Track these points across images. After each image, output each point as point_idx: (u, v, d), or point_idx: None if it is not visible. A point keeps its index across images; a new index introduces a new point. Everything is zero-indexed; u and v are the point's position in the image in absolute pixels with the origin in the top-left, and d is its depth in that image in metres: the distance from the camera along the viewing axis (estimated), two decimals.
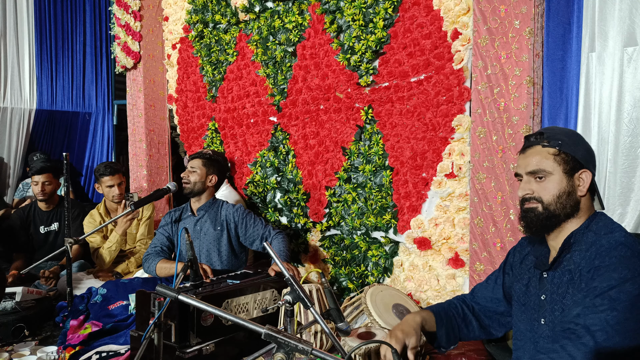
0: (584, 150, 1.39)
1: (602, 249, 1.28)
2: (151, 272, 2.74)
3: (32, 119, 5.13)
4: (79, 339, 2.36)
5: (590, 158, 1.40)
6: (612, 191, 2.02)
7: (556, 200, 1.38)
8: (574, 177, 1.38)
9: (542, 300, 1.39)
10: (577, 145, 1.39)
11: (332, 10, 2.93)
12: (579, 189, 1.37)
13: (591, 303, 1.21)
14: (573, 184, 1.38)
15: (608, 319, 1.17)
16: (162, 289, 1.34)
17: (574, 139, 1.40)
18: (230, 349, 2.12)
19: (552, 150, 1.38)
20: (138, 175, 4.37)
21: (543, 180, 1.39)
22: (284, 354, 1.13)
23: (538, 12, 2.13)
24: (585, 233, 1.35)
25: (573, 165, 1.37)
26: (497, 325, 1.62)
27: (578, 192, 1.38)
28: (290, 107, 3.25)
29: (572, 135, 1.42)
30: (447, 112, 2.44)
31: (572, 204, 1.38)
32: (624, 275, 1.20)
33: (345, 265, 2.98)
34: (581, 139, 1.43)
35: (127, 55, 4.32)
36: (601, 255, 1.27)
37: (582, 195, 1.38)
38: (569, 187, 1.37)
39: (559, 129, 1.46)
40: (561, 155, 1.37)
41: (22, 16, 5.08)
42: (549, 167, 1.38)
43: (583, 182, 1.37)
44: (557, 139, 1.39)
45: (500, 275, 1.62)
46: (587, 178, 1.37)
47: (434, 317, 1.57)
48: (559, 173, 1.37)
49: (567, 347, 1.19)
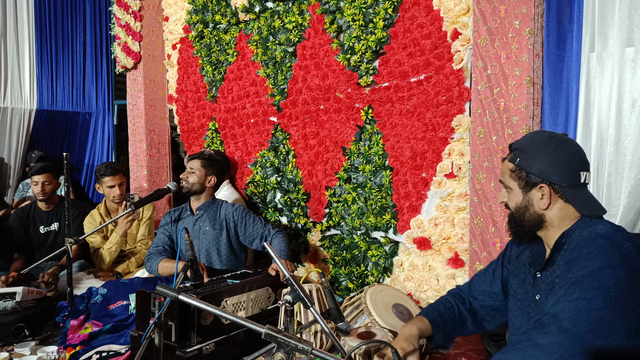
0: (545, 163, 1.34)
1: (581, 240, 1.28)
2: (153, 271, 2.75)
3: (32, 119, 5.13)
4: (79, 338, 2.36)
5: (554, 170, 1.33)
6: (612, 191, 2.02)
7: (515, 212, 1.42)
8: (531, 192, 1.37)
9: (537, 301, 1.40)
10: (537, 159, 1.35)
11: (332, 11, 2.93)
12: (541, 202, 1.36)
13: (564, 292, 1.20)
14: (530, 199, 1.37)
15: (578, 306, 1.15)
16: (162, 289, 1.34)
17: (536, 152, 1.36)
18: (231, 348, 2.12)
19: (510, 165, 1.41)
20: (138, 175, 4.37)
21: (508, 192, 1.44)
22: (284, 354, 1.13)
23: (538, 12, 2.13)
24: (574, 231, 1.34)
25: (528, 180, 1.37)
26: (491, 319, 1.64)
27: (540, 205, 1.36)
28: (290, 107, 3.25)
29: (536, 148, 1.37)
30: (447, 112, 2.44)
31: (532, 218, 1.38)
32: (600, 265, 1.18)
33: (345, 265, 2.98)
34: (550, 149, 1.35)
35: (127, 55, 4.32)
36: (580, 246, 1.26)
37: (544, 208, 1.36)
38: (524, 202, 1.39)
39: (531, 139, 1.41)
40: (516, 171, 1.39)
41: (22, 16, 5.09)
42: (508, 181, 1.42)
43: (544, 196, 1.35)
44: (518, 153, 1.39)
45: (498, 268, 1.62)
46: (546, 191, 1.34)
47: (430, 325, 1.58)
48: (515, 188, 1.40)
49: (533, 336, 1.18)
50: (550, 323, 1.17)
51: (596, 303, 1.14)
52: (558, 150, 1.35)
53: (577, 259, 1.24)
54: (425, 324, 1.58)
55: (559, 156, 1.35)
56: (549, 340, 1.15)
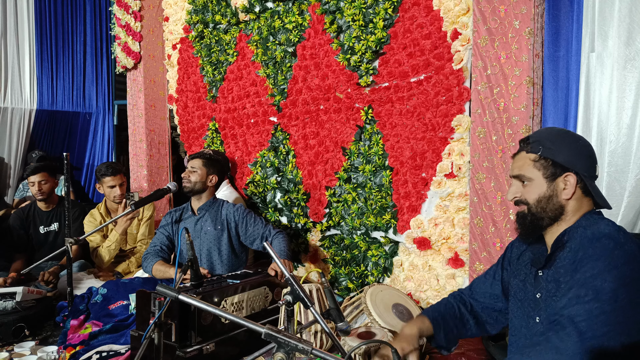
0: (569, 152, 1.36)
1: (585, 240, 1.29)
2: (148, 271, 2.76)
3: (33, 119, 5.14)
4: (79, 338, 2.36)
5: (577, 160, 1.36)
6: (612, 191, 2.03)
7: (536, 204, 1.41)
8: (557, 182, 1.38)
9: (537, 299, 1.40)
10: (561, 149, 1.37)
11: (332, 11, 2.93)
12: (564, 192, 1.37)
13: (576, 294, 1.22)
14: (555, 188, 1.38)
15: (592, 310, 1.18)
16: (162, 289, 1.34)
17: (559, 142, 1.38)
18: (231, 348, 2.12)
19: (532, 156, 1.41)
20: (138, 175, 4.37)
21: (526, 185, 1.42)
22: (284, 354, 1.14)
23: (538, 12, 2.13)
24: (576, 229, 1.35)
25: (554, 170, 1.37)
26: (493, 322, 1.63)
27: (563, 195, 1.37)
28: (290, 107, 3.25)
29: (558, 138, 1.39)
30: (447, 112, 2.44)
31: (554, 208, 1.38)
32: (607, 266, 1.20)
33: (345, 265, 2.98)
34: (569, 140, 1.39)
35: (127, 55, 4.33)
36: (584, 246, 1.27)
37: (567, 198, 1.37)
38: (549, 192, 1.38)
39: (548, 132, 1.44)
40: (540, 161, 1.39)
41: (23, 16, 5.09)
42: (529, 172, 1.41)
43: (568, 185, 1.37)
44: (540, 144, 1.39)
45: (498, 270, 1.62)
46: (572, 181, 1.36)
47: (430, 324, 1.58)
48: (539, 178, 1.40)
49: (552, 339, 1.20)
50: (567, 325, 1.19)
51: (607, 306, 1.17)
52: (578, 142, 1.39)
53: (583, 259, 1.25)
54: (426, 324, 1.58)
55: (580, 147, 1.38)
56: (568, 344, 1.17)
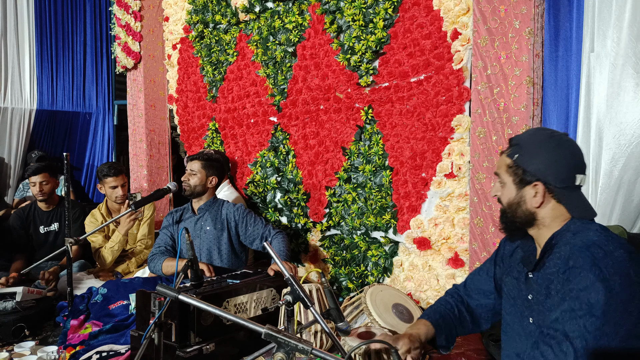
0: (543, 161, 1.34)
1: (575, 248, 1.27)
2: (157, 271, 2.76)
3: (33, 119, 5.13)
4: (79, 338, 2.36)
5: (550, 169, 1.33)
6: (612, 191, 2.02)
7: (508, 207, 1.42)
8: (525, 189, 1.37)
9: (529, 300, 1.40)
10: (536, 157, 1.35)
11: (332, 11, 2.93)
12: (534, 200, 1.36)
13: (569, 307, 1.21)
14: (523, 196, 1.38)
15: (586, 325, 1.17)
16: (162, 289, 1.34)
17: (536, 150, 1.35)
18: (231, 348, 2.12)
19: (508, 160, 1.40)
20: (138, 175, 4.37)
21: (502, 187, 1.44)
22: (284, 354, 1.14)
23: (538, 12, 2.13)
24: (565, 233, 1.34)
25: (523, 177, 1.37)
26: (487, 317, 1.65)
27: (532, 203, 1.36)
28: (290, 107, 3.25)
29: (536, 145, 1.36)
30: (447, 112, 2.44)
31: (524, 215, 1.39)
32: (598, 277, 1.19)
33: (345, 265, 2.98)
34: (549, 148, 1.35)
35: (127, 55, 4.33)
36: (574, 255, 1.26)
37: (536, 206, 1.36)
38: (517, 198, 1.39)
39: (531, 136, 1.41)
40: (513, 167, 1.39)
41: (23, 16, 5.09)
42: (503, 176, 1.42)
43: (537, 194, 1.35)
44: (518, 148, 1.38)
45: (491, 267, 1.62)
46: (541, 190, 1.34)
47: (432, 328, 1.59)
48: (510, 184, 1.40)
49: (548, 355, 1.21)
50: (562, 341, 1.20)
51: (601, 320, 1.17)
52: (557, 150, 1.35)
53: (574, 269, 1.24)
54: (429, 327, 1.59)
55: (557, 156, 1.34)
56: None
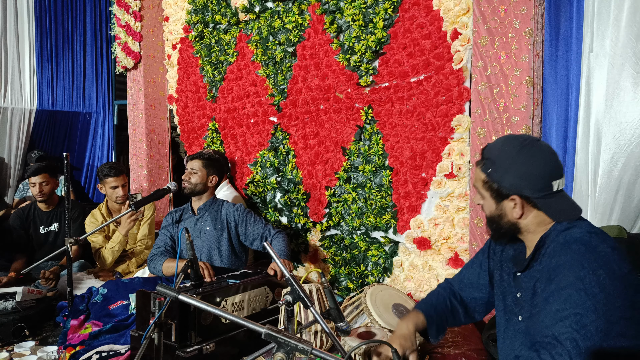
0: (516, 176, 1.32)
1: (558, 246, 1.27)
2: (157, 272, 2.76)
3: (33, 119, 5.14)
4: (79, 338, 2.36)
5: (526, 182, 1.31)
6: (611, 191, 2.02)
7: (490, 219, 1.42)
8: (504, 203, 1.36)
9: (518, 298, 1.40)
10: (508, 173, 1.33)
11: (332, 11, 2.93)
12: (514, 212, 1.35)
13: (554, 309, 1.21)
14: (503, 209, 1.37)
15: (572, 325, 1.17)
16: (162, 289, 1.34)
17: (508, 164, 1.33)
18: (231, 348, 2.12)
19: (483, 176, 1.39)
20: (138, 175, 4.37)
21: (482, 199, 1.43)
22: (284, 354, 1.14)
23: (538, 12, 2.13)
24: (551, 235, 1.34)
25: (499, 192, 1.36)
26: (482, 310, 1.65)
27: (513, 214, 1.36)
28: (290, 107, 3.25)
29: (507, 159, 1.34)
30: (447, 112, 2.44)
31: (507, 225, 1.38)
32: (580, 274, 1.18)
33: (345, 265, 2.98)
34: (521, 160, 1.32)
35: (127, 55, 4.33)
36: (557, 253, 1.26)
37: (517, 217, 1.35)
38: (498, 211, 1.38)
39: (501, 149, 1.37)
40: (489, 182, 1.38)
41: (23, 16, 5.09)
42: (481, 190, 1.42)
43: (516, 206, 1.34)
44: (491, 163, 1.36)
45: (485, 260, 1.62)
46: (519, 202, 1.33)
47: (424, 319, 1.59)
48: (488, 198, 1.40)
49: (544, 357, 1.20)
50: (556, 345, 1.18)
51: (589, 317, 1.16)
52: (529, 161, 1.32)
53: (556, 267, 1.24)
54: (420, 319, 1.59)
55: (530, 168, 1.32)
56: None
